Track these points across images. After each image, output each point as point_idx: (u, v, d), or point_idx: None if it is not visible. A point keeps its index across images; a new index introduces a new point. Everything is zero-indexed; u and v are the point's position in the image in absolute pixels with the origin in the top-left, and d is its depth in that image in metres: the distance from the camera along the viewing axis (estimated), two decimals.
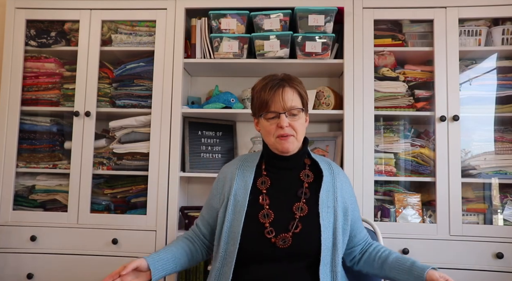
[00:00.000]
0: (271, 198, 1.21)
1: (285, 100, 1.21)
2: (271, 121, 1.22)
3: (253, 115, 1.31)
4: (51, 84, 2.07)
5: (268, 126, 1.23)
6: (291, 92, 1.23)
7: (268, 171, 1.28)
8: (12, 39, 2.02)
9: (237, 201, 1.21)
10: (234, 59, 1.96)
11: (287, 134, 1.20)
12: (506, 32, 1.92)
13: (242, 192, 1.22)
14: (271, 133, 1.22)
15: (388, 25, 2.00)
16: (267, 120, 1.23)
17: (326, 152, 2.11)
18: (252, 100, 1.30)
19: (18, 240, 1.90)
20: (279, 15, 1.91)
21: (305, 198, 1.20)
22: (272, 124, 1.22)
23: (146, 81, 2.02)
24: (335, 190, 1.23)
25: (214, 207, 1.28)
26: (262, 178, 1.25)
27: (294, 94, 1.23)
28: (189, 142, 2.06)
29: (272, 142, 1.24)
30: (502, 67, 1.95)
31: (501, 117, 1.95)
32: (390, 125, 2.00)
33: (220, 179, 1.31)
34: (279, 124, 1.20)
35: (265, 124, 1.24)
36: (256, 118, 1.29)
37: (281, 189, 1.24)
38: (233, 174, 1.27)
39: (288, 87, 1.23)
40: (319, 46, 1.90)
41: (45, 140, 2.07)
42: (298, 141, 1.24)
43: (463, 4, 1.89)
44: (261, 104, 1.23)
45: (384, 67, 1.98)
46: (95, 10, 2.01)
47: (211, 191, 1.32)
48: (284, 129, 1.20)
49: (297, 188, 1.23)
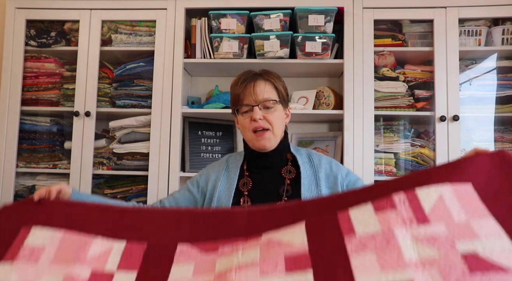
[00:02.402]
0: (253, 199, 1.18)
1: (256, 93, 1.19)
2: (245, 115, 1.21)
3: (232, 113, 1.30)
4: (51, 84, 2.07)
5: (243, 120, 1.22)
6: (264, 84, 1.21)
7: (250, 171, 1.25)
8: (12, 39, 2.02)
9: (220, 204, 1.18)
10: (234, 59, 1.96)
11: (262, 126, 1.18)
12: (506, 32, 1.92)
13: (226, 195, 1.20)
14: (246, 127, 1.21)
15: (388, 25, 2.00)
16: (242, 115, 1.22)
17: (326, 152, 2.11)
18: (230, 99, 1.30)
19: None
20: (279, 15, 1.91)
21: (287, 196, 1.17)
22: (246, 118, 1.21)
23: (146, 81, 2.02)
24: (318, 182, 1.18)
25: (190, 191, 1.25)
26: (244, 179, 1.23)
27: (266, 86, 1.21)
28: (189, 142, 2.06)
29: (249, 138, 1.22)
30: (502, 67, 1.95)
31: (501, 117, 1.95)
32: (390, 125, 2.00)
33: (205, 174, 1.28)
34: (253, 117, 1.18)
35: (240, 119, 1.23)
36: (234, 116, 1.28)
37: (263, 189, 1.21)
38: (219, 175, 1.25)
39: (261, 80, 1.22)
40: (319, 46, 1.90)
41: (45, 140, 2.07)
42: (276, 136, 1.21)
43: (463, 4, 1.89)
44: (234, 98, 1.23)
45: (384, 67, 1.98)
46: (95, 10, 2.01)
47: (193, 179, 1.29)
48: (258, 122, 1.18)
49: (279, 186, 1.20)
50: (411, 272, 0.68)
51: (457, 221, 0.74)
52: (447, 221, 0.75)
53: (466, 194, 0.79)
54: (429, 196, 0.80)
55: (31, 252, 0.87)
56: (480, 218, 0.74)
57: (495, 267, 0.66)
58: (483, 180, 0.81)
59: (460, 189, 0.80)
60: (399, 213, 0.78)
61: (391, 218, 0.78)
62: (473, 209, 0.76)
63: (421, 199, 0.80)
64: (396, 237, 0.74)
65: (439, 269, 0.68)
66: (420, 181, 0.84)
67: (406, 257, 0.71)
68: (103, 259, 0.87)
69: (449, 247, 0.70)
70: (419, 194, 0.81)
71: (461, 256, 0.69)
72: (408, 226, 0.76)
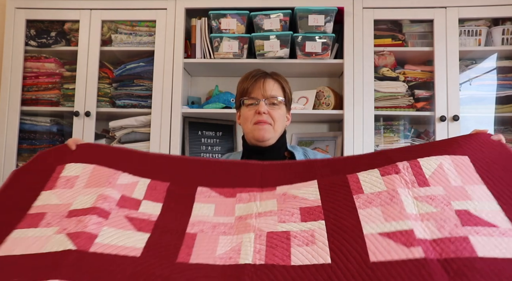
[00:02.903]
0: None
1: (265, 88, 1.24)
2: (250, 107, 1.25)
3: (236, 108, 1.33)
4: (51, 84, 2.07)
5: (246, 112, 1.25)
6: (273, 83, 1.26)
7: None
8: (12, 39, 2.02)
9: None
10: (234, 59, 1.96)
11: (264, 120, 1.22)
12: (506, 32, 1.92)
13: None
14: (249, 119, 1.24)
15: (388, 25, 2.00)
16: (247, 107, 1.26)
17: (326, 152, 2.11)
18: (236, 93, 1.33)
19: None
20: (279, 15, 1.91)
21: None
22: (251, 110, 1.24)
23: (146, 81, 2.02)
24: None
25: None
26: None
27: (275, 85, 1.26)
28: (189, 142, 2.06)
29: (249, 130, 1.25)
30: (502, 67, 1.95)
31: (501, 117, 1.95)
32: (390, 125, 2.00)
33: None
34: (257, 110, 1.22)
35: (244, 110, 1.26)
36: (238, 111, 1.31)
37: None
38: None
39: (271, 78, 1.27)
40: (319, 46, 1.90)
41: (45, 140, 2.07)
42: (275, 131, 1.25)
43: (463, 4, 1.89)
44: (242, 91, 1.26)
45: (384, 67, 1.98)
46: (95, 10, 2.01)
47: None
48: (262, 115, 1.21)
49: None
50: (411, 223, 0.78)
51: (454, 185, 0.85)
52: (445, 184, 0.86)
53: (463, 164, 0.90)
54: (429, 164, 0.90)
55: (67, 180, 0.95)
56: (474, 184, 0.86)
57: (483, 222, 0.77)
58: (479, 155, 0.93)
59: (457, 160, 0.91)
60: (403, 177, 0.89)
61: (395, 180, 0.88)
62: (468, 177, 0.87)
63: (423, 166, 0.90)
64: (399, 195, 0.84)
65: (436, 221, 0.78)
66: (422, 153, 0.94)
67: (407, 211, 0.81)
68: (130, 188, 0.94)
69: (445, 205, 0.81)
70: (421, 162, 0.91)
71: (455, 212, 0.79)
72: (410, 187, 0.87)
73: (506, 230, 0.76)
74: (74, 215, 0.85)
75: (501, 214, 0.79)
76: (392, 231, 0.77)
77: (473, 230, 0.75)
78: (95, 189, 0.91)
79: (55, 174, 0.97)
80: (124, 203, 0.89)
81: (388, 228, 0.78)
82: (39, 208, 0.88)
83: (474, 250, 0.72)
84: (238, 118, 1.33)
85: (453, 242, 0.74)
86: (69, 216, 0.85)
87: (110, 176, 0.95)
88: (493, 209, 0.81)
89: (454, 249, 0.73)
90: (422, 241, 0.75)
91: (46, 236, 0.80)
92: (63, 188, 0.93)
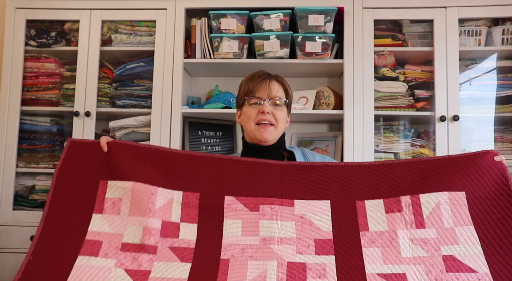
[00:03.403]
0: None
1: (271, 89, 1.25)
2: (253, 107, 1.26)
3: (237, 107, 1.34)
4: (51, 84, 2.07)
5: (249, 111, 1.26)
6: (278, 85, 1.28)
7: None
8: (12, 39, 2.02)
9: None
10: (234, 59, 1.96)
11: (268, 120, 1.23)
12: (506, 32, 1.92)
13: None
14: (251, 118, 1.25)
15: (388, 25, 2.00)
16: (250, 106, 1.26)
17: (326, 152, 2.11)
18: (238, 92, 1.33)
19: (18, 240, 1.90)
20: (279, 15, 1.91)
21: None
22: (254, 109, 1.25)
23: (146, 81, 2.02)
24: None
25: None
26: None
27: (280, 87, 1.29)
28: (189, 142, 2.06)
29: (251, 130, 1.26)
30: (502, 67, 1.95)
31: (501, 117, 1.95)
32: (390, 125, 2.00)
33: None
34: (261, 109, 1.23)
35: (247, 109, 1.27)
36: (239, 109, 1.32)
37: None
38: None
39: (275, 80, 1.29)
40: (319, 46, 1.90)
41: (45, 140, 2.07)
42: (277, 133, 1.27)
43: (463, 4, 1.89)
44: (246, 90, 1.27)
45: (384, 67, 1.98)
46: (95, 10, 2.01)
47: None
48: (265, 115, 1.22)
49: None
50: (404, 267, 0.95)
51: (446, 227, 1.01)
52: (438, 226, 1.02)
53: (458, 202, 1.04)
54: (429, 202, 1.04)
55: (112, 204, 1.08)
56: (464, 225, 1.01)
57: (464, 268, 0.94)
58: (475, 190, 1.05)
59: (454, 197, 1.05)
60: (404, 216, 1.04)
61: (397, 220, 1.03)
62: (460, 217, 1.02)
63: (423, 205, 1.04)
64: (398, 238, 1.01)
65: (425, 266, 0.95)
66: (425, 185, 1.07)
67: (403, 254, 0.98)
68: (168, 210, 1.07)
69: (435, 250, 0.98)
70: (421, 200, 1.05)
71: (442, 258, 0.96)
72: (408, 228, 1.02)
73: (482, 275, 0.92)
74: (127, 249, 1.01)
75: (481, 258, 0.95)
76: (389, 273, 0.95)
77: (455, 277, 0.93)
78: (139, 219, 1.05)
79: (100, 193, 1.09)
80: (166, 231, 1.04)
81: (386, 270, 0.95)
82: (95, 235, 1.03)
83: None
84: (239, 117, 1.33)
85: None
86: (123, 250, 1.01)
87: (148, 199, 1.07)
88: (476, 253, 0.96)
89: None
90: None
91: (107, 268, 0.98)
92: (111, 214, 1.07)
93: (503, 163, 1.08)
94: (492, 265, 0.93)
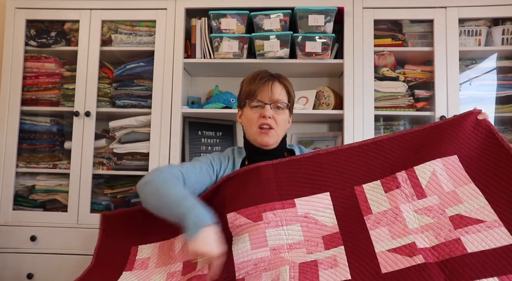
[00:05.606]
0: None
1: (273, 92, 1.23)
2: (254, 110, 1.24)
3: (238, 106, 1.33)
4: (51, 84, 2.07)
5: (251, 114, 1.24)
6: (280, 87, 1.26)
7: None
8: (12, 39, 2.02)
9: None
10: (234, 59, 1.96)
11: (269, 124, 1.22)
12: (506, 32, 1.92)
13: None
14: (253, 122, 1.24)
15: (388, 25, 2.00)
16: (251, 108, 1.25)
17: None
18: (240, 91, 1.32)
19: (18, 240, 1.90)
20: (279, 15, 1.91)
21: None
22: (256, 113, 1.24)
23: (146, 81, 2.02)
24: None
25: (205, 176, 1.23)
26: None
27: (282, 89, 1.27)
28: (189, 142, 2.06)
29: (252, 133, 1.25)
30: (502, 67, 1.95)
31: (501, 117, 1.95)
32: (390, 125, 2.00)
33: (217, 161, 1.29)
34: (262, 113, 1.22)
35: (248, 112, 1.26)
36: (240, 110, 1.31)
37: None
38: (227, 168, 1.28)
39: (278, 82, 1.27)
40: (319, 46, 1.90)
41: (45, 140, 2.07)
42: (278, 136, 1.26)
43: (463, 4, 1.89)
44: (248, 92, 1.25)
45: (384, 67, 1.98)
46: (95, 10, 2.01)
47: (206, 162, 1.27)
48: (267, 119, 1.22)
49: None
50: (413, 236, 0.95)
51: (446, 191, 1.01)
52: (439, 192, 1.01)
53: (453, 166, 1.04)
54: (424, 172, 1.05)
55: (142, 262, 1.16)
56: (464, 185, 1.01)
57: (473, 220, 0.93)
58: (466, 152, 1.06)
59: (448, 162, 1.05)
60: (403, 191, 1.04)
61: (397, 196, 1.03)
62: (459, 179, 1.02)
63: (419, 176, 1.05)
64: (402, 213, 1.00)
65: (433, 230, 0.94)
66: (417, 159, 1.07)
67: (409, 226, 0.98)
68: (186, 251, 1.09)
69: (440, 214, 0.97)
70: (417, 172, 1.05)
71: (449, 218, 0.96)
72: (410, 201, 1.02)
73: (491, 222, 0.91)
74: None
75: (488, 208, 0.94)
76: (398, 246, 0.94)
77: (464, 231, 0.91)
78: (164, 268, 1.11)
79: (131, 255, 1.19)
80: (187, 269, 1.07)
81: (395, 244, 0.95)
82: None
83: (464, 248, 0.88)
84: (240, 117, 1.33)
85: (447, 245, 0.90)
86: None
87: (169, 249, 1.15)
88: (481, 205, 0.95)
89: (448, 251, 0.89)
90: (422, 250, 0.91)
91: None
92: (139, 269, 1.14)
93: (486, 120, 1.10)
94: (499, 211, 0.92)
